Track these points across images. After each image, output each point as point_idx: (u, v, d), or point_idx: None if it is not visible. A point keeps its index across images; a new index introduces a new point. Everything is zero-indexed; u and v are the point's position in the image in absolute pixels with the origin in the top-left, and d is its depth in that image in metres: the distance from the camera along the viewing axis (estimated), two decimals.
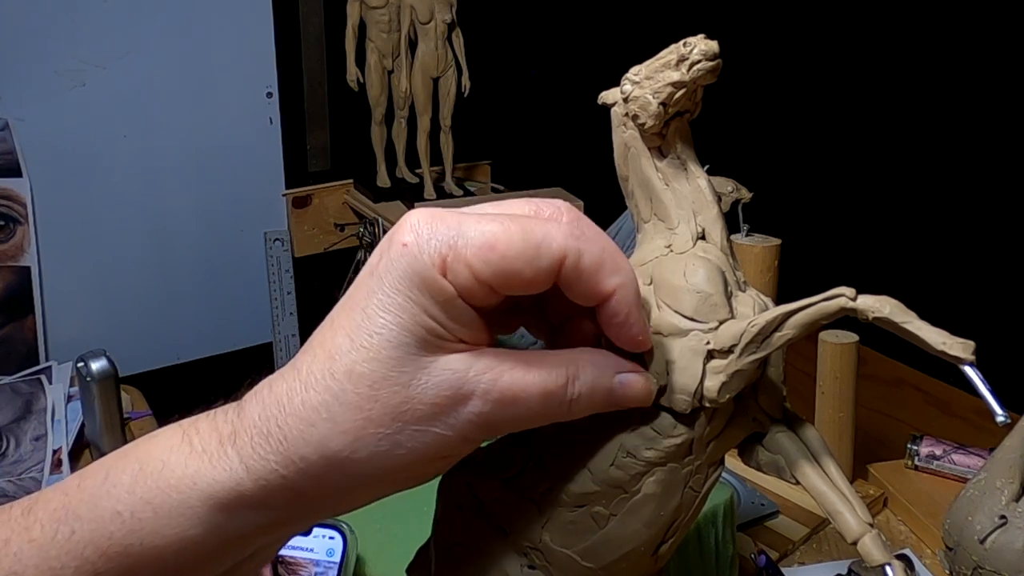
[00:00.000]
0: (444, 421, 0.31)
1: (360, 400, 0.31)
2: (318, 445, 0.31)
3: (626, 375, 0.34)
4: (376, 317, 0.31)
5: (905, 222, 1.43)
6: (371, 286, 0.31)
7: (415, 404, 0.31)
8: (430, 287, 0.30)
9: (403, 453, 0.31)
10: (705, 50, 0.35)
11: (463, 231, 0.31)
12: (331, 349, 0.31)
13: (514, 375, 0.31)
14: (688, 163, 0.38)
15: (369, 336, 0.31)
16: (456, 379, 0.31)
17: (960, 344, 0.32)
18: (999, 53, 1.28)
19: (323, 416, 0.31)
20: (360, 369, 0.31)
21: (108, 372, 0.89)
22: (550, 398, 0.32)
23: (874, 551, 0.35)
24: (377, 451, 0.31)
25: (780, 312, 0.34)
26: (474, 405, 0.31)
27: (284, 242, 1.48)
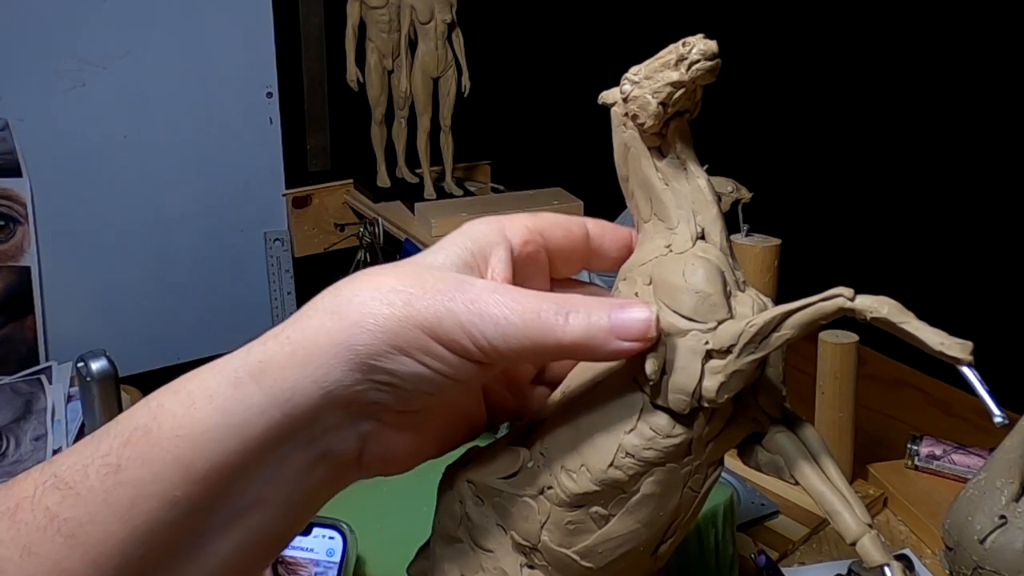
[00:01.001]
0: (442, 294, 0.33)
1: (381, 271, 0.35)
2: (329, 295, 0.34)
3: (628, 304, 0.34)
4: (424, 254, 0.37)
5: (905, 222, 1.43)
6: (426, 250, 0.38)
7: (424, 277, 0.34)
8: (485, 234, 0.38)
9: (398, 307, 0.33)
10: (704, 50, 0.35)
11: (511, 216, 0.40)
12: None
13: (512, 287, 0.35)
14: (688, 163, 0.38)
15: (412, 259, 0.37)
16: (461, 277, 0.35)
17: (958, 344, 0.32)
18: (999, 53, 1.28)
19: (345, 281, 0.35)
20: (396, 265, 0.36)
21: (108, 372, 0.89)
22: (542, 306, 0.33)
23: (873, 552, 0.35)
24: (376, 299, 0.33)
25: (779, 312, 0.34)
26: (472, 290, 0.34)
27: (284, 242, 1.48)
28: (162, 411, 0.33)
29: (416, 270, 0.35)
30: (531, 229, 0.39)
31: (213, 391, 0.33)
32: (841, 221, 1.50)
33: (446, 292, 0.33)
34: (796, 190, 1.46)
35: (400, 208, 1.38)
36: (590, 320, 0.33)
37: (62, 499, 0.33)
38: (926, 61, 1.37)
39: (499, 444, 0.40)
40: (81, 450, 0.34)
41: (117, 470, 0.33)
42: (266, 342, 0.34)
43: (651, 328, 0.33)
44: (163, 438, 0.33)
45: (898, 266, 1.42)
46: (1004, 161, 1.31)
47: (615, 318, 0.33)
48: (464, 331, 0.33)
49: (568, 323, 0.33)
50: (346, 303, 0.34)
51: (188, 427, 0.33)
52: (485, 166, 1.55)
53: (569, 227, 0.40)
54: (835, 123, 1.50)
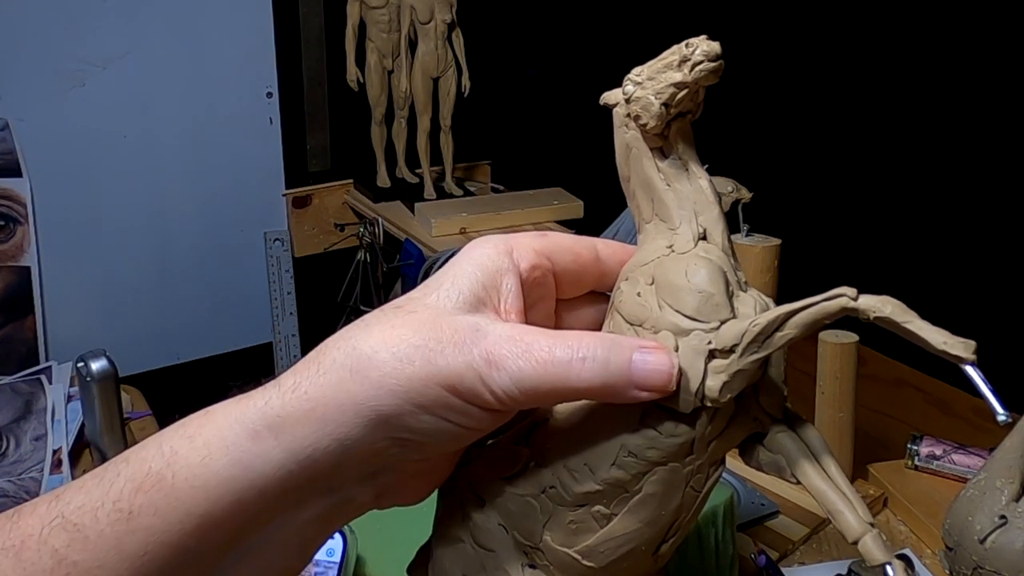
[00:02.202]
0: (458, 346, 0.33)
1: (396, 320, 0.34)
2: (347, 348, 0.34)
3: (647, 350, 0.34)
4: (432, 283, 0.36)
5: (905, 222, 1.43)
6: (435, 276, 0.37)
7: (439, 329, 0.34)
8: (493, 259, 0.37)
9: (417, 365, 0.33)
10: (707, 51, 0.35)
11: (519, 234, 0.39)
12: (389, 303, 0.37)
13: (527, 329, 0.34)
14: (690, 164, 0.38)
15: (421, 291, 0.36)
16: (476, 323, 0.34)
17: (961, 344, 0.32)
18: (999, 53, 1.28)
19: (360, 329, 0.35)
20: (406, 305, 0.35)
21: (108, 372, 0.89)
22: (556, 353, 0.33)
23: (875, 551, 0.35)
24: (396, 357, 0.33)
25: (782, 312, 0.34)
26: (486, 342, 0.33)
27: (284, 242, 1.48)
28: (176, 459, 0.33)
29: (431, 318, 0.34)
30: (539, 252, 0.38)
31: (230, 442, 0.33)
32: (841, 221, 1.50)
33: (463, 345, 0.33)
34: (796, 190, 1.46)
35: (400, 208, 1.38)
36: (608, 369, 0.33)
37: (70, 542, 0.32)
38: (926, 61, 1.37)
39: (500, 443, 0.40)
40: (90, 489, 0.34)
41: (129, 517, 0.33)
42: (283, 394, 0.34)
43: (672, 381, 0.34)
44: (178, 488, 0.33)
45: (898, 265, 1.42)
46: (1004, 161, 1.31)
47: (636, 369, 0.33)
48: (484, 385, 0.33)
49: (584, 370, 0.33)
50: (366, 361, 0.33)
51: (204, 478, 0.33)
52: (485, 166, 1.55)
53: (578, 251, 0.39)
54: (835, 123, 1.50)
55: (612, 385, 0.33)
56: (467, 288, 0.36)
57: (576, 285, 0.40)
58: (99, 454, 0.92)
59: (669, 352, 0.34)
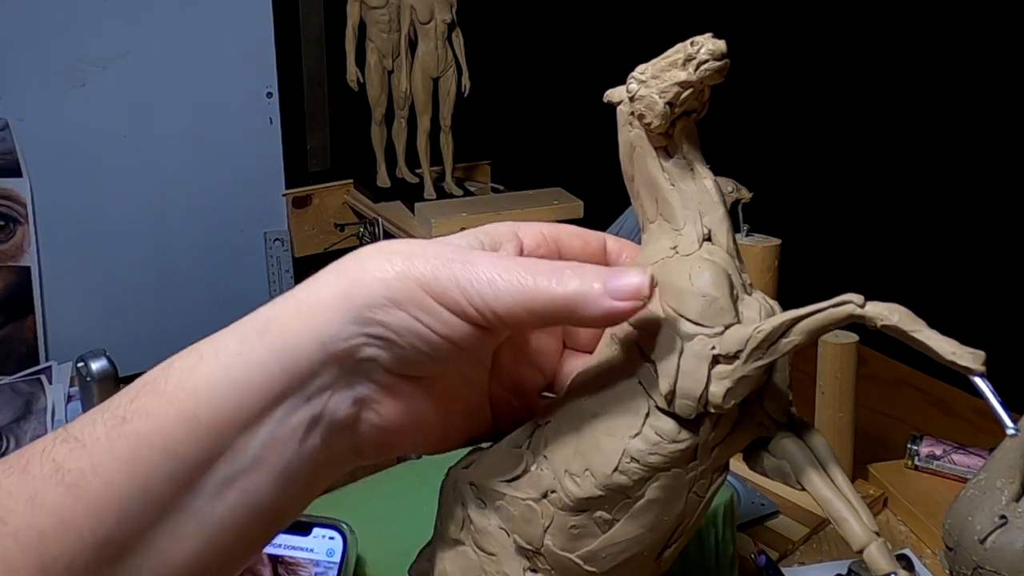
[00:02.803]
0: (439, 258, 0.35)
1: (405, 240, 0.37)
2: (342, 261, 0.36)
3: (620, 270, 0.34)
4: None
5: (905, 222, 1.43)
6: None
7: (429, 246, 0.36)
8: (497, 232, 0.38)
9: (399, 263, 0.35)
10: (713, 50, 0.34)
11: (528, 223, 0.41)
12: None
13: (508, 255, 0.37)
14: (694, 163, 0.38)
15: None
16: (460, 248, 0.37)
17: (970, 354, 0.31)
18: (999, 53, 1.28)
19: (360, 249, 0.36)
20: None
21: (108, 372, 0.89)
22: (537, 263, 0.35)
23: (880, 560, 0.35)
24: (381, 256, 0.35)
25: (787, 318, 0.34)
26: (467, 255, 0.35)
27: (284, 242, 1.48)
28: (171, 368, 0.35)
29: (424, 241, 0.37)
30: (546, 236, 0.40)
31: (220, 348, 0.35)
32: (841, 221, 1.50)
33: (445, 255, 0.35)
34: (796, 190, 1.46)
35: (400, 208, 1.38)
36: (584, 279, 0.34)
37: (69, 451, 0.33)
38: (926, 62, 1.37)
39: (502, 446, 0.40)
40: (95, 409, 0.35)
41: (122, 422, 0.34)
42: (275, 302, 0.36)
43: (645, 287, 0.34)
44: (168, 392, 0.34)
45: (898, 266, 1.42)
46: (1004, 162, 1.31)
47: (611, 277, 0.34)
48: (459, 288, 0.34)
49: (562, 281, 0.34)
50: (350, 263, 0.36)
51: (192, 381, 0.34)
52: (485, 166, 1.55)
53: (587, 239, 0.41)
54: (835, 123, 1.50)
55: (587, 293, 0.34)
56: (468, 240, 0.38)
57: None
58: None
59: (642, 269, 0.34)
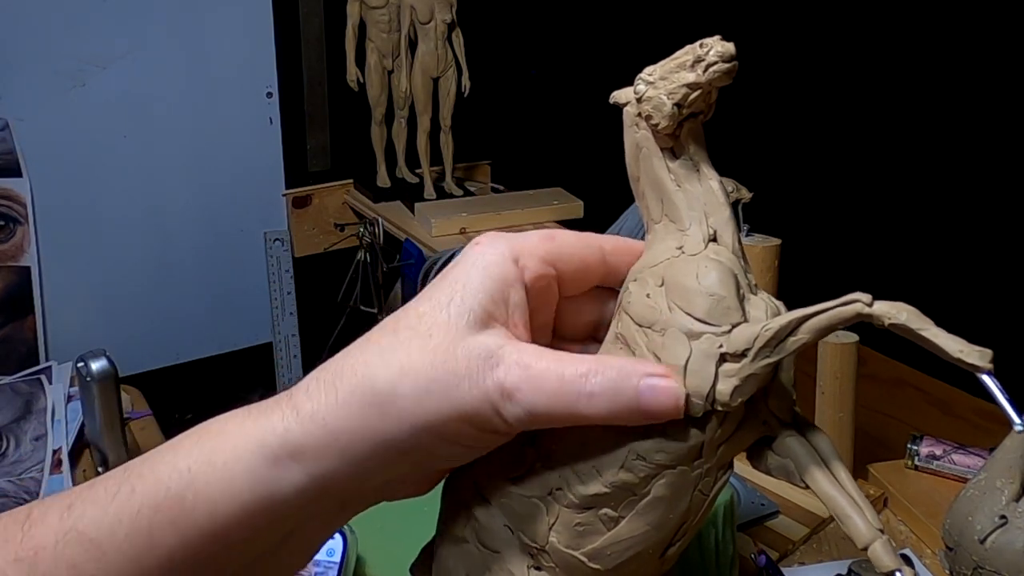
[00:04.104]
0: (471, 381, 0.34)
1: (411, 348, 0.35)
2: (365, 378, 0.34)
3: (654, 378, 0.34)
4: (441, 296, 0.36)
5: (905, 222, 1.43)
6: (444, 278, 0.37)
7: (453, 359, 0.34)
8: (501, 267, 0.36)
9: (434, 401, 0.34)
10: (722, 52, 0.35)
11: (525, 233, 0.38)
12: (396, 319, 0.37)
13: (537, 355, 0.35)
14: (700, 164, 0.38)
15: (431, 307, 0.36)
16: (488, 348, 0.35)
17: (977, 352, 0.31)
18: (999, 53, 1.28)
19: (376, 357, 0.35)
20: (419, 327, 0.35)
21: (108, 372, 0.89)
22: (566, 384, 0.34)
23: (884, 557, 0.35)
24: (415, 392, 0.34)
25: (795, 316, 0.34)
26: (499, 373, 0.34)
27: (284, 242, 1.48)
28: (196, 480, 0.34)
29: (446, 345, 0.35)
30: (544, 260, 0.38)
31: (251, 467, 0.34)
32: (841, 221, 1.50)
33: (478, 376, 0.34)
34: (796, 190, 1.46)
35: (400, 208, 1.38)
36: (616, 400, 0.34)
37: (86, 556, 0.33)
38: (926, 62, 1.37)
39: (506, 444, 0.40)
40: (104, 504, 0.34)
41: (148, 535, 0.34)
42: (303, 421, 0.35)
43: (680, 408, 0.34)
44: (198, 509, 0.34)
45: (899, 265, 1.42)
46: (1004, 161, 1.31)
47: (644, 399, 0.34)
48: (497, 415, 0.34)
49: (594, 402, 0.34)
50: (385, 396, 0.34)
51: (224, 502, 0.34)
52: (485, 166, 1.55)
53: (583, 256, 0.39)
54: (835, 123, 1.50)
55: (620, 414, 0.34)
56: (477, 304, 0.36)
57: (580, 285, 0.40)
58: (99, 454, 0.92)
59: (676, 378, 0.35)
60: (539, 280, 0.38)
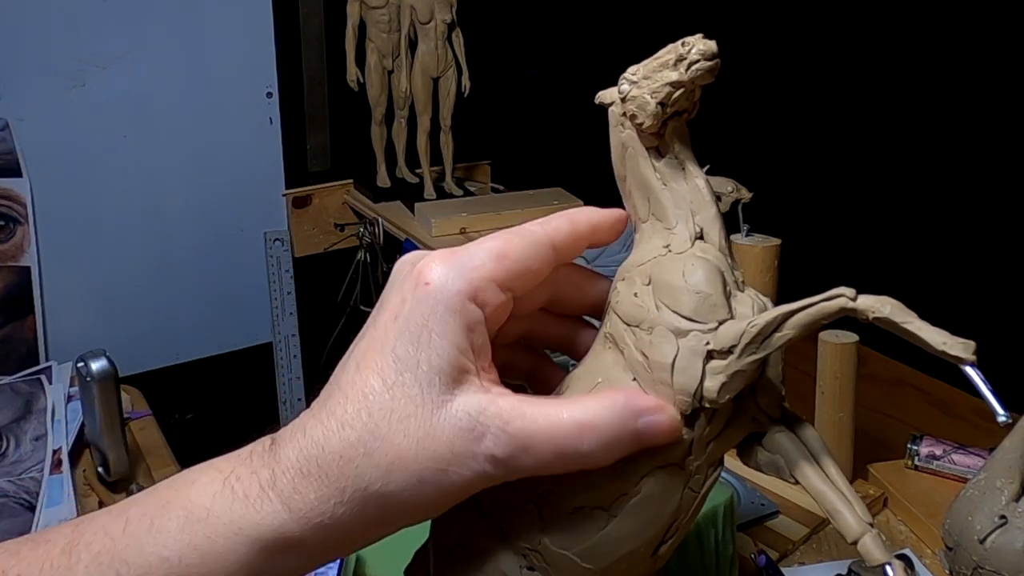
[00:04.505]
0: (461, 461, 0.34)
1: (393, 436, 0.34)
2: (355, 479, 0.34)
3: (650, 418, 0.35)
4: (406, 357, 0.34)
5: (905, 222, 1.43)
6: (398, 329, 0.35)
7: (438, 442, 0.34)
8: (461, 312, 0.35)
9: (429, 488, 0.34)
10: (704, 50, 0.35)
11: (473, 254, 0.36)
12: (364, 390, 0.34)
13: (524, 423, 0.34)
14: (686, 163, 0.38)
15: (399, 375, 0.34)
16: (469, 417, 0.34)
17: (961, 344, 0.32)
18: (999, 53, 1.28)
19: (360, 452, 0.34)
20: (393, 407, 0.34)
21: (108, 372, 0.89)
22: (560, 446, 0.34)
23: (874, 551, 0.35)
24: (407, 485, 0.34)
25: (780, 312, 0.34)
26: (486, 446, 0.34)
27: (284, 242, 1.48)
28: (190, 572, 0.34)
29: (426, 430, 0.34)
30: (502, 287, 0.36)
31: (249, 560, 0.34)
32: (841, 221, 1.50)
33: (466, 457, 0.34)
34: (796, 190, 1.46)
35: (400, 208, 1.38)
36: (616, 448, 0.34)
37: None
38: (926, 61, 1.37)
39: None
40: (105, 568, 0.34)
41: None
42: (297, 520, 0.34)
43: (678, 436, 0.35)
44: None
45: (898, 265, 1.42)
46: (1004, 161, 1.31)
47: (643, 435, 0.35)
48: (491, 481, 0.35)
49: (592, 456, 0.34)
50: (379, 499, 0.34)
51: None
52: (485, 166, 1.55)
53: (538, 268, 0.37)
54: (835, 123, 1.50)
55: (618, 455, 0.35)
56: (446, 363, 0.34)
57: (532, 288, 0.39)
58: (99, 454, 0.92)
59: (670, 408, 0.35)
60: (498, 310, 0.36)
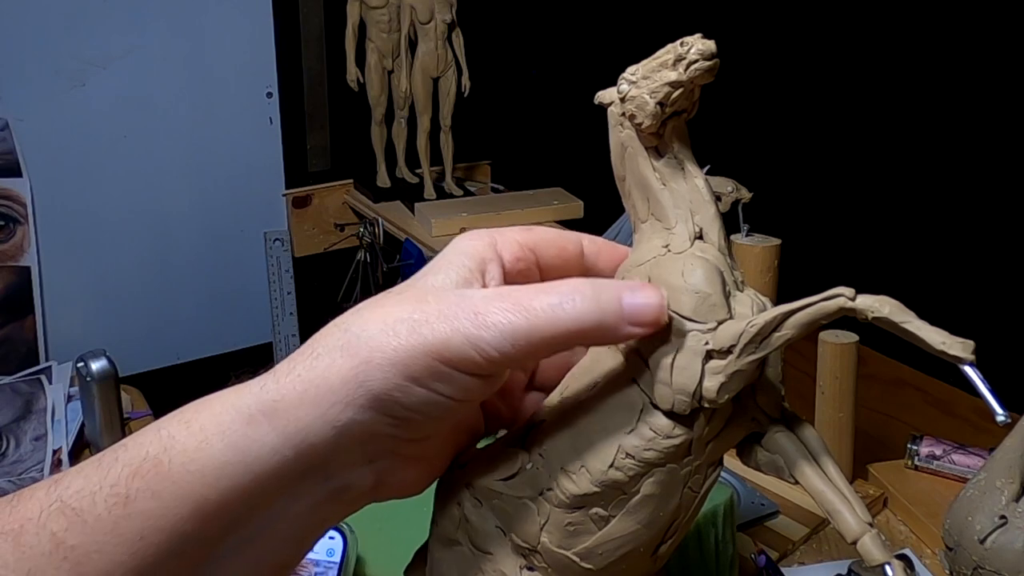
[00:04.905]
0: (444, 314, 0.33)
1: (385, 302, 0.35)
2: (337, 331, 0.34)
3: (634, 287, 0.34)
4: (417, 276, 0.37)
5: (905, 222, 1.43)
6: (425, 267, 0.38)
7: (425, 302, 0.34)
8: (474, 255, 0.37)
9: (403, 336, 0.33)
10: (703, 49, 0.35)
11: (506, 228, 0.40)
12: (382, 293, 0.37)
13: (513, 288, 0.35)
14: (685, 163, 0.38)
15: (416, 280, 0.37)
16: (461, 292, 0.35)
17: (960, 343, 0.32)
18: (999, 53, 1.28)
19: (351, 314, 0.35)
20: (403, 291, 0.36)
21: (108, 372, 0.89)
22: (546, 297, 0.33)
23: (874, 550, 0.35)
24: (384, 330, 0.33)
25: (779, 312, 0.34)
26: (473, 303, 0.34)
27: (284, 242, 1.48)
28: (173, 443, 0.33)
29: (418, 294, 0.35)
30: (523, 245, 0.39)
31: (226, 427, 0.33)
32: (841, 221, 1.50)
33: (449, 311, 0.33)
34: (796, 190, 1.46)
35: (400, 208, 1.38)
36: (599, 306, 0.33)
37: (68, 525, 0.33)
38: (926, 61, 1.37)
39: (497, 446, 0.40)
40: (89, 474, 0.34)
41: (126, 501, 0.33)
42: (279, 379, 0.34)
43: (664, 313, 0.34)
44: (174, 472, 0.33)
45: (898, 265, 1.42)
46: (1004, 161, 1.31)
47: (627, 303, 0.34)
48: (472, 347, 0.33)
49: (575, 311, 0.33)
50: (355, 340, 0.33)
51: (200, 462, 0.33)
52: (485, 166, 1.55)
53: (563, 244, 0.40)
54: (835, 123, 1.50)
55: (604, 323, 0.33)
56: (455, 272, 0.36)
57: (560, 273, 0.40)
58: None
59: (656, 287, 0.35)
60: (518, 262, 0.39)
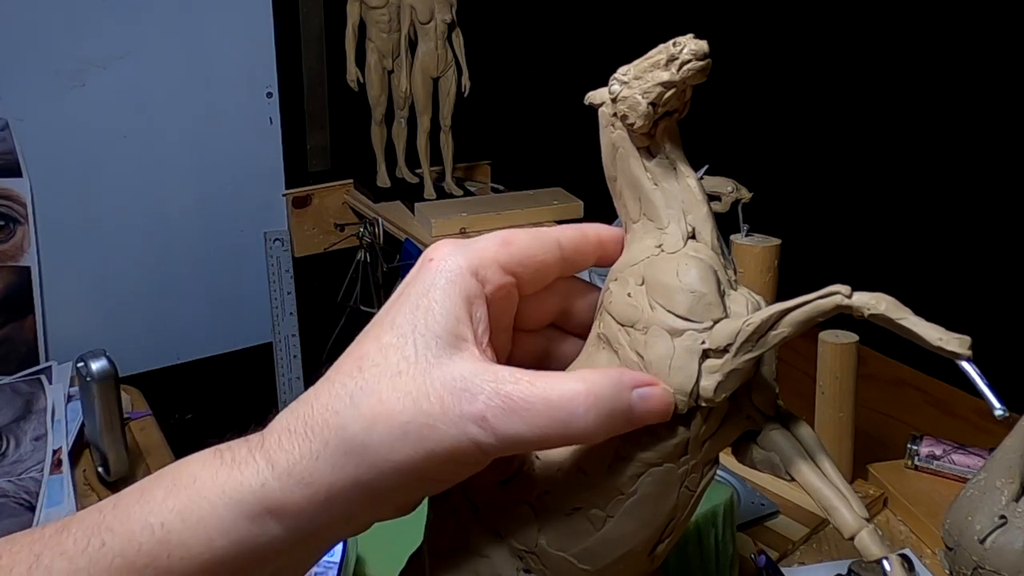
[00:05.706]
0: (450, 420, 0.32)
1: (381, 389, 0.33)
2: (338, 429, 0.33)
3: (645, 389, 0.34)
4: (403, 323, 0.34)
5: (905, 222, 1.43)
6: (400, 301, 0.35)
7: (426, 398, 0.33)
8: (460, 284, 0.35)
9: (412, 445, 0.32)
10: (695, 50, 0.35)
11: (479, 239, 0.37)
12: (359, 354, 0.34)
13: (520, 386, 0.33)
14: (677, 163, 0.38)
15: (395, 338, 0.34)
16: (462, 379, 0.33)
17: (956, 339, 0.32)
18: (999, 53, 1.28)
19: (346, 403, 0.33)
20: (386, 365, 0.33)
21: (108, 372, 0.89)
22: (556, 412, 0.32)
23: (871, 545, 0.35)
24: (390, 438, 0.32)
25: (775, 310, 0.34)
26: (478, 408, 0.32)
27: (284, 242, 1.48)
28: (170, 538, 0.33)
29: (416, 381, 0.33)
30: (505, 269, 0.37)
31: (228, 525, 0.33)
32: (841, 221, 1.50)
33: (454, 414, 0.32)
34: (796, 190, 1.46)
35: (400, 208, 1.38)
36: (612, 420, 0.33)
37: None
38: (925, 61, 1.37)
39: None
40: (73, 556, 0.33)
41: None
42: (279, 476, 0.33)
43: (670, 414, 0.35)
44: (174, 568, 0.33)
45: (898, 265, 1.42)
46: (1003, 160, 1.31)
47: (636, 410, 0.34)
48: (479, 449, 0.33)
49: (588, 424, 0.33)
50: (359, 446, 0.33)
51: (203, 559, 0.33)
52: (485, 166, 1.55)
53: (543, 258, 0.38)
54: (834, 123, 1.50)
55: (611, 430, 0.34)
56: (442, 329, 0.34)
57: (539, 284, 0.39)
58: (99, 454, 0.92)
59: (664, 389, 0.35)
60: (499, 291, 0.37)
